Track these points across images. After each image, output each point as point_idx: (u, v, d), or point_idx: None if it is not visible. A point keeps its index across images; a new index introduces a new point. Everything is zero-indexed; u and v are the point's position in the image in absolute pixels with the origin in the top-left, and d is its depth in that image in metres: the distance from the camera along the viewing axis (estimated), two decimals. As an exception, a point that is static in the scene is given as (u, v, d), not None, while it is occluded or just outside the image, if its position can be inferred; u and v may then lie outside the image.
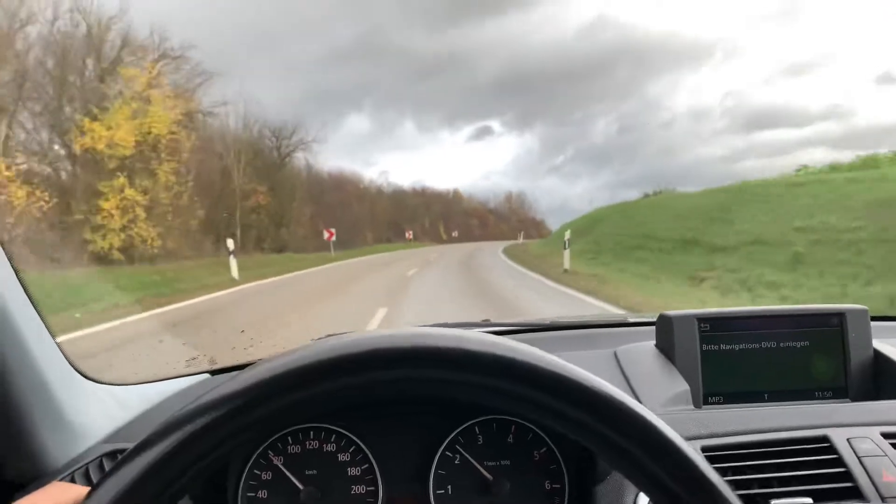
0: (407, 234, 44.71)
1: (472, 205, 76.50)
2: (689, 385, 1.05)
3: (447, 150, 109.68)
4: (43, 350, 0.84)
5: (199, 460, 0.48)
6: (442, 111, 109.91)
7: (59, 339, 0.89)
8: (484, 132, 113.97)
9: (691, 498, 0.49)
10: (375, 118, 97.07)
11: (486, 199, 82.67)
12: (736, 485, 0.81)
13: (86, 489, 0.49)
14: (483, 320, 1.52)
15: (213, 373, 1.22)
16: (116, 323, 7.33)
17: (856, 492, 0.79)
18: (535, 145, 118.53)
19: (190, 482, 0.50)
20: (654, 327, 1.17)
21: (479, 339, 0.50)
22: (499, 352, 0.49)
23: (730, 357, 1.09)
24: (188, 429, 0.48)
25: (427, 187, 66.34)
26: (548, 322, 1.46)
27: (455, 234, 59.18)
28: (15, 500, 0.61)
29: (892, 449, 0.83)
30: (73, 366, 0.93)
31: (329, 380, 0.48)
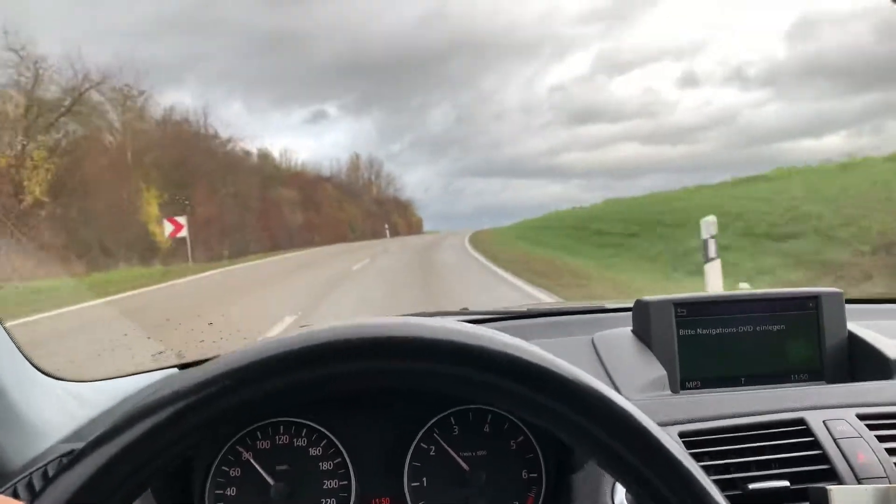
0: None
1: (292, 170, 40.80)
2: (666, 370, 1.05)
3: (278, 133, 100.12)
4: None
5: (154, 458, 0.46)
6: (274, 92, 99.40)
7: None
8: (319, 116, 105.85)
9: (664, 484, 0.48)
10: (199, 96, 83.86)
11: (317, 165, 50.79)
12: (713, 469, 0.80)
13: None
14: (461, 309, 1.50)
15: (182, 367, 1.18)
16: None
17: (832, 473, 0.79)
18: (372, 132, 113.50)
19: (147, 480, 0.47)
20: (630, 313, 1.16)
21: (435, 327, 0.48)
22: (455, 338, 0.47)
23: (707, 342, 1.08)
24: (142, 426, 0.45)
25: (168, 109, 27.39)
26: (525, 309, 1.44)
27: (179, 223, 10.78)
28: None
29: (868, 430, 0.83)
30: (29, 361, 0.88)
31: (287, 373, 0.45)
